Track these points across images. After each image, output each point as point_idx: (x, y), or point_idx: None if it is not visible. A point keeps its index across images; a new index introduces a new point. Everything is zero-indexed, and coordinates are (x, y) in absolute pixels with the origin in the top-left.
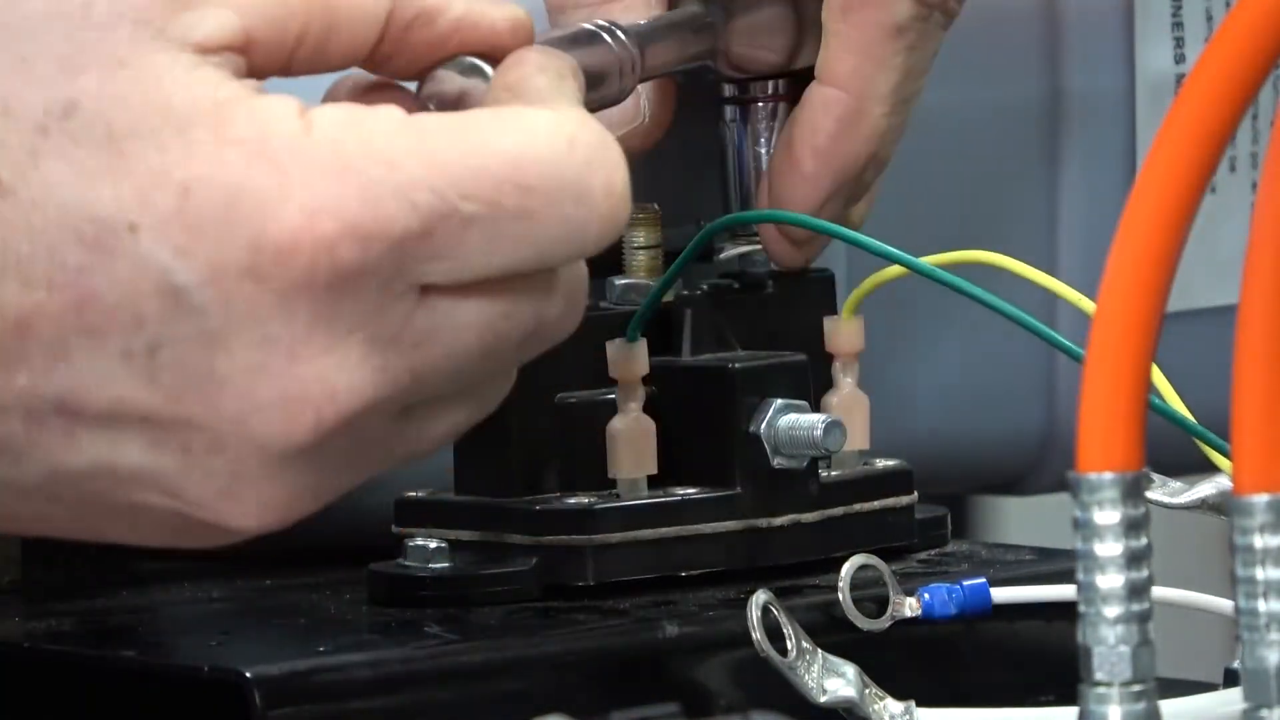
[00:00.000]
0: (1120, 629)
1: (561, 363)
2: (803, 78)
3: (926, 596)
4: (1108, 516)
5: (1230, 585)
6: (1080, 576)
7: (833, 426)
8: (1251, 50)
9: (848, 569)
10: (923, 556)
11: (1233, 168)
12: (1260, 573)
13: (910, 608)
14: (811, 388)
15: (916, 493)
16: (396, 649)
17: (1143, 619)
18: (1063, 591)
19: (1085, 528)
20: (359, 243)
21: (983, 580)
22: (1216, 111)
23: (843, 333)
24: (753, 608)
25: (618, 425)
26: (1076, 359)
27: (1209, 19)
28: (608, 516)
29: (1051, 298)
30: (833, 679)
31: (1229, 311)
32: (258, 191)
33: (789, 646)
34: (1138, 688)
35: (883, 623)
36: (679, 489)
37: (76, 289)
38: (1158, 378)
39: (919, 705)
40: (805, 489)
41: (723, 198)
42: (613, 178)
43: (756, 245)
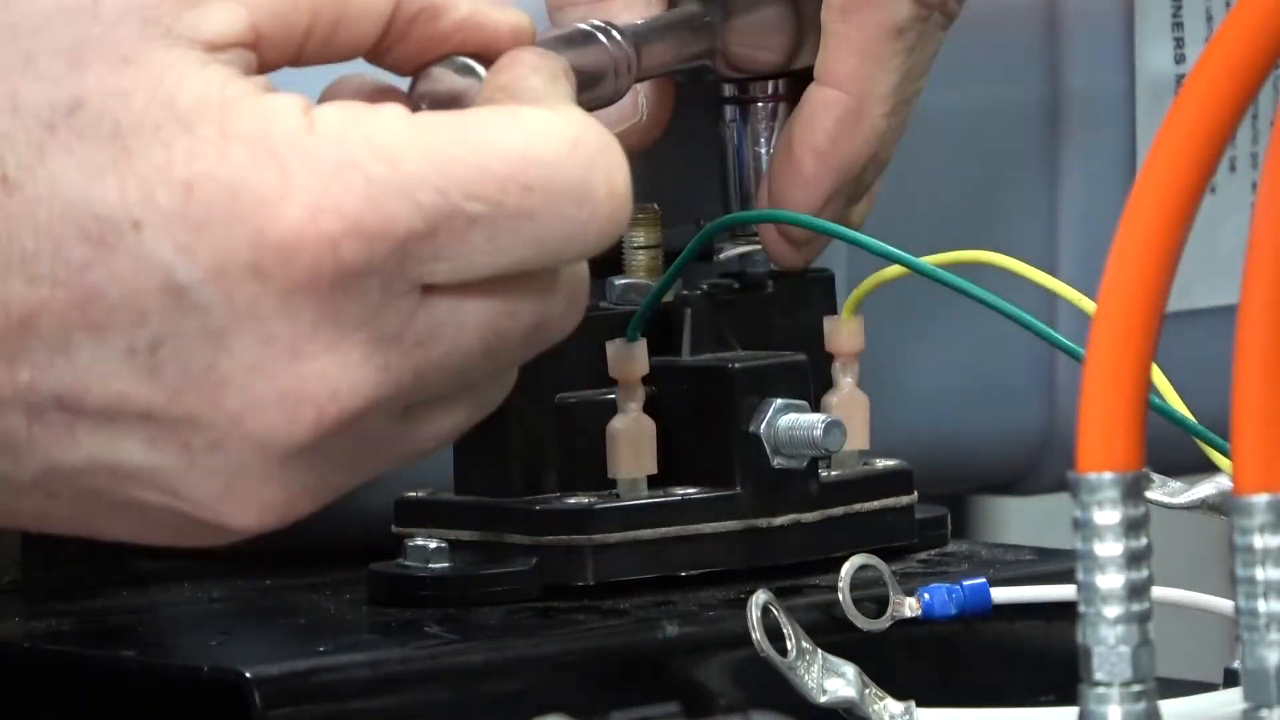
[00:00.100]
0: (1120, 629)
1: (562, 363)
2: (802, 78)
3: (926, 596)
4: (1108, 516)
5: (1230, 585)
6: (1080, 576)
7: (833, 426)
8: (1251, 50)
9: (848, 569)
10: (923, 556)
11: (1233, 168)
12: (1260, 573)
13: (910, 608)
14: (811, 388)
15: (916, 493)
16: (396, 649)
17: (1143, 619)
18: (1063, 591)
19: (1085, 528)
20: (362, 241)
21: (983, 580)
22: (1216, 111)
23: (843, 333)
24: (753, 608)
25: (618, 425)
26: (1076, 359)
27: (1209, 19)
28: (607, 516)
29: (1051, 298)
30: (833, 679)
31: (1229, 311)
32: (261, 189)
33: (789, 646)
34: (1138, 688)
35: (883, 623)
36: (679, 489)
37: (80, 285)
38: (1158, 378)
39: (919, 705)
40: (805, 489)
41: (722, 198)
42: (615, 179)
43: (756, 245)
